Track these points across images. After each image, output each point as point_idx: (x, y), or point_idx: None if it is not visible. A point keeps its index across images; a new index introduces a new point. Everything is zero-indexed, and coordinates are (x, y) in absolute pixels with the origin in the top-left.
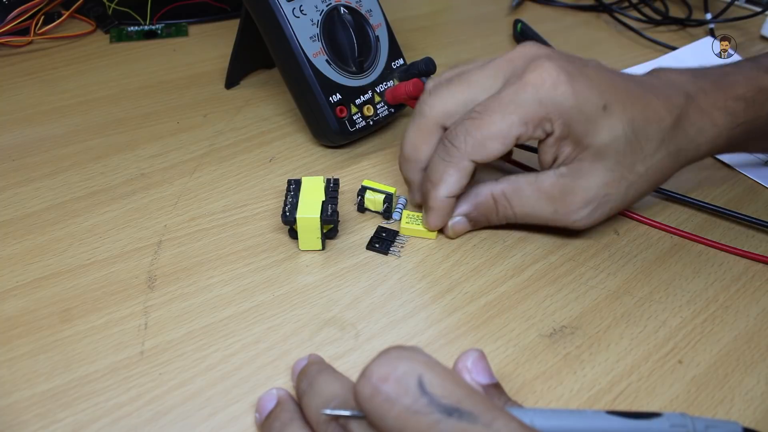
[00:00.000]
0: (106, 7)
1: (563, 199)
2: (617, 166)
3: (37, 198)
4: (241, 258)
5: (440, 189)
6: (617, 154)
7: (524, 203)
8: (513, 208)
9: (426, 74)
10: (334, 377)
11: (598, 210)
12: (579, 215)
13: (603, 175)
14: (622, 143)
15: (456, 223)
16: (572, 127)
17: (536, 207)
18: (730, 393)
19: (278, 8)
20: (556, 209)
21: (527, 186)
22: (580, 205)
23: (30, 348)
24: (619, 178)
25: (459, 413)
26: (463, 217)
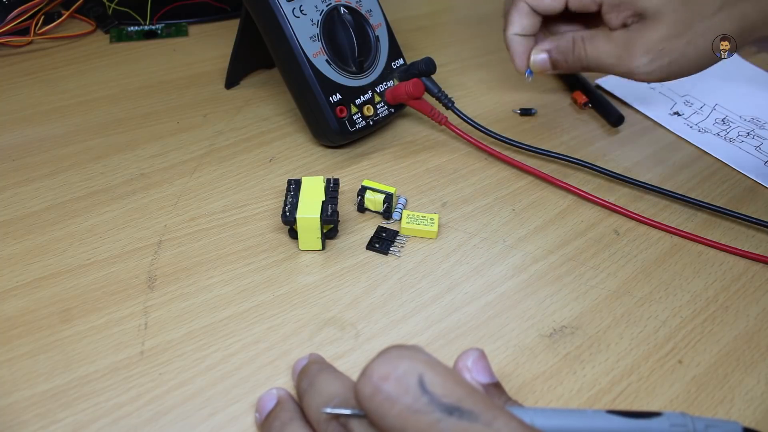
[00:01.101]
0: (106, 7)
1: (626, 47)
2: (675, 23)
3: (37, 198)
4: (241, 258)
5: (508, 28)
6: (674, 12)
7: (596, 47)
8: (586, 50)
9: (426, 74)
10: (334, 376)
11: (656, 61)
12: (638, 62)
13: (662, 31)
14: (678, 2)
15: (538, 59)
16: None
17: (604, 52)
18: (730, 393)
19: (278, 8)
20: (619, 55)
21: (601, 33)
22: (640, 53)
23: (30, 348)
24: (677, 33)
25: (459, 412)
26: (545, 54)
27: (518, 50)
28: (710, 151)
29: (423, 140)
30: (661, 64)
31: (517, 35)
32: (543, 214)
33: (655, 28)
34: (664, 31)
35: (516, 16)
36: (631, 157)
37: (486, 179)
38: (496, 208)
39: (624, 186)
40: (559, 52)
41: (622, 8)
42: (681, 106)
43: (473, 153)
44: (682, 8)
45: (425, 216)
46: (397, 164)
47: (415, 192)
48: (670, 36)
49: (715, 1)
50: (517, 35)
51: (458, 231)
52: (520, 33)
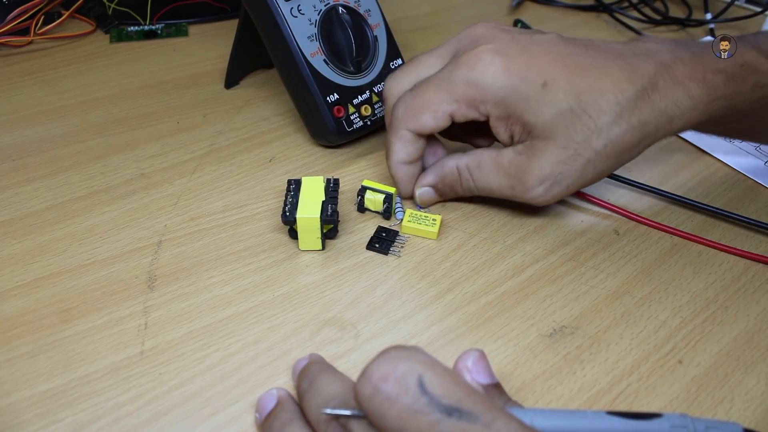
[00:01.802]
0: (106, 7)
1: (519, 176)
2: (569, 142)
3: (37, 198)
4: (241, 258)
5: (390, 157)
6: (567, 129)
7: (485, 177)
8: (474, 181)
9: None
10: (334, 377)
11: (554, 188)
12: (535, 192)
13: (556, 153)
14: (570, 118)
15: (423, 193)
16: (509, 107)
17: (495, 182)
18: (730, 393)
19: (276, 8)
20: (513, 185)
21: (489, 160)
22: (535, 183)
23: (30, 348)
24: (574, 155)
25: (459, 413)
26: (430, 188)
27: (404, 179)
28: (710, 151)
29: None
30: (559, 190)
31: (402, 163)
32: (543, 214)
33: (547, 151)
34: (557, 153)
35: (398, 144)
36: None
37: None
38: (496, 208)
39: (623, 186)
40: (444, 184)
41: (510, 122)
42: None
43: None
44: (574, 124)
45: (428, 216)
46: None
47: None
48: (565, 159)
49: (611, 111)
50: (402, 163)
51: (458, 231)
52: (404, 161)
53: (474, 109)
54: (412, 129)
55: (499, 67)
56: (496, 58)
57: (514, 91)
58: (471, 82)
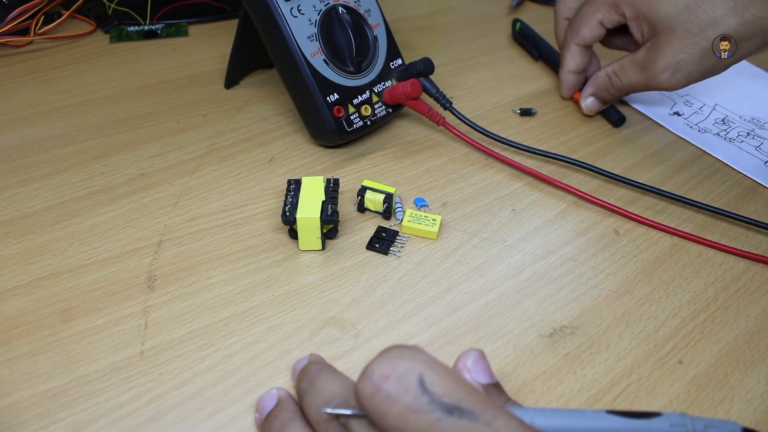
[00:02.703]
0: (106, 7)
1: (649, 66)
2: (686, 33)
3: (37, 198)
4: (241, 258)
5: (563, 66)
6: (684, 23)
7: (626, 74)
8: (621, 80)
9: (424, 75)
10: (334, 376)
11: (677, 74)
12: (662, 78)
13: (675, 44)
14: (686, 13)
15: (589, 103)
16: (637, 6)
17: (634, 76)
18: (730, 393)
19: (276, 8)
20: (645, 76)
21: (627, 62)
22: (660, 70)
23: (30, 348)
24: (691, 44)
25: (459, 412)
26: (591, 97)
27: (569, 84)
28: (710, 151)
29: (423, 140)
30: (682, 76)
31: (571, 72)
32: (543, 214)
33: (668, 42)
34: (676, 44)
35: (569, 57)
36: (631, 157)
37: (486, 179)
38: (496, 208)
39: (624, 187)
40: (601, 90)
41: (639, 20)
42: (681, 106)
43: (473, 153)
44: (690, 17)
45: (428, 216)
46: (397, 164)
47: (415, 192)
48: (683, 48)
49: (723, 5)
50: (571, 72)
51: (458, 231)
52: (573, 71)
53: (614, 11)
54: (578, 41)
55: None
56: None
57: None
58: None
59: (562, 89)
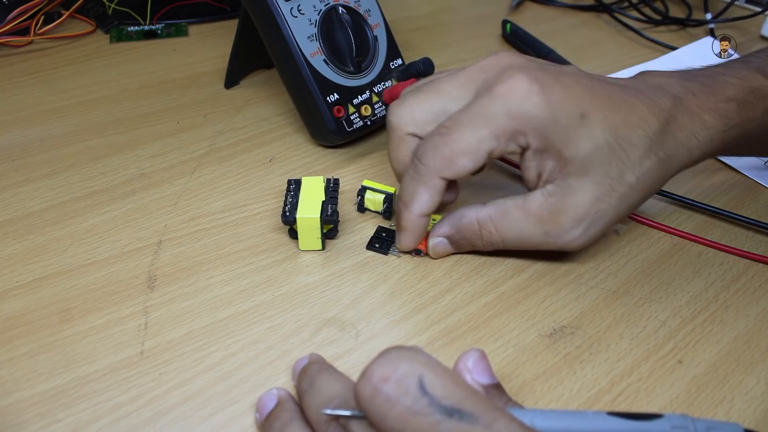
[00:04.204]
0: (106, 7)
1: (553, 219)
2: (605, 178)
3: (37, 198)
4: (241, 258)
5: (412, 208)
6: (602, 164)
7: (512, 227)
8: (500, 233)
9: (424, 75)
10: (334, 377)
11: (592, 228)
12: (572, 235)
13: (592, 189)
14: (606, 153)
15: (437, 244)
16: (549, 139)
17: (525, 230)
18: (730, 393)
19: (276, 8)
20: (546, 231)
21: (515, 209)
22: (572, 224)
23: (30, 348)
24: (609, 190)
25: (459, 414)
26: (445, 239)
27: (417, 232)
28: None
29: None
30: (597, 229)
31: (423, 216)
32: None
33: (583, 188)
34: (593, 190)
35: (426, 195)
36: None
37: (486, 179)
38: None
39: None
40: (462, 237)
41: (544, 157)
42: None
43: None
44: (609, 159)
45: None
46: None
47: None
48: (604, 194)
49: (642, 145)
50: (423, 216)
51: None
52: (426, 213)
53: (513, 142)
54: (449, 176)
55: (540, 97)
56: (534, 86)
57: (555, 122)
58: (511, 113)
59: (404, 238)
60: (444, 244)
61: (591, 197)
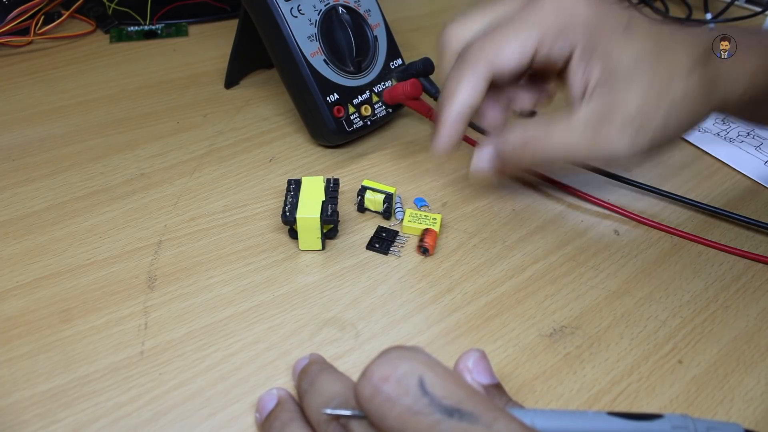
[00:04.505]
0: (106, 7)
1: (601, 127)
2: (650, 86)
3: (37, 198)
4: (241, 258)
5: (453, 101)
6: (649, 73)
7: (558, 141)
8: (546, 148)
9: (424, 74)
10: (335, 377)
11: (641, 134)
12: (620, 142)
13: (639, 97)
14: (653, 62)
15: (480, 167)
16: (598, 37)
17: (571, 143)
18: (730, 393)
19: (276, 8)
20: (593, 141)
21: (560, 122)
22: (619, 128)
23: (30, 348)
24: (658, 94)
25: (460, 414)
26: (488, 161)
27: (455, 129)
28: (710, 151)
29: (423, 140)
30: (645, 137)
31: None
32: (543, 214)
33: (630, 96)
34: (640, 98)
35: (470, 85)
36: None
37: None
38: (496, 208)
39: (624, 187)
40: (507, 157)
41: (593, 60)
42: None
43: (473, 153)
44: (654, 69)
45: (428, 215)
46: (397, 164)
47: (415, 192)
48: (653, 96)
49: (687, 58)
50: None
51: (458, 231)
52: (469, 106)
53: (562, 39)
54: (494, 66)
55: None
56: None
57: (604, 23)
58: (561, 10)
59: (440, 137)
60: (488, 166)
61: (638, 104)
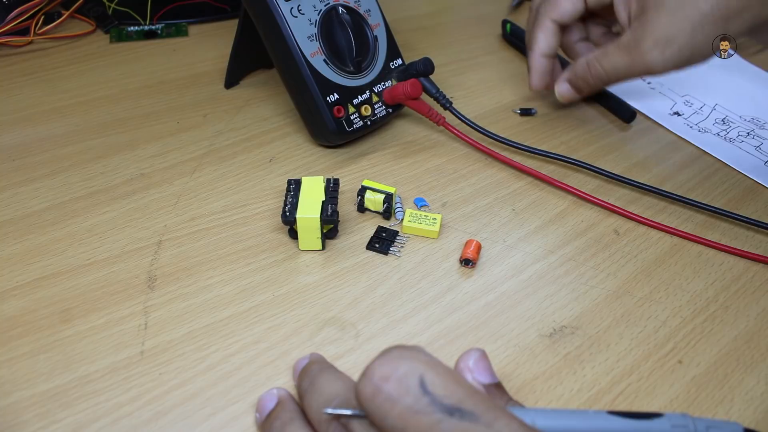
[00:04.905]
0: (106, 7)
1: (636, 46)
2: (678, 7)
3: (37, 198)
4: (241, 258)
5: (534, 49)
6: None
7: (609, 60)
8: (602, 66)
9: (424, 75)
10: (335, 376)
11: (667, 49)
12: (651, 56)
13: (666, 17)
14: None
15: (562, 89)
16: None
17: (618, 60)
18: (730, 393)
19: (276, 8)
20: (632, 57)
21: (611, 46)
22: (649, 46)
23: (30, 348)
24: (683, 17)
25: (460, 413)
26: (566, 83)
27: (540, 70)
28: (710, 151)
29: (423, 140)
30: (672, 53)
31: (544, 56)
32: (543, 214)
33: (659, 16)
34: (667, 17)
35: (542, 36)
36: (631, 156)
37: (486, 179)
38: (496, 208)
39: (624, 187)
40: (578, 78)
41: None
42: (681, 106)
43: (473, 153)
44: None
45: (428, 215)
46: (397, 164)
47: (415, 192)
48: (674, 22)
49: None
50: (544, 56)
51: (458, 231)
52: (546, 53)
53: None
54: (556, 17)
55: None
56: None
57: None
58: None
59: (532, 77)
60: (567, 89)
61: (665, 22)
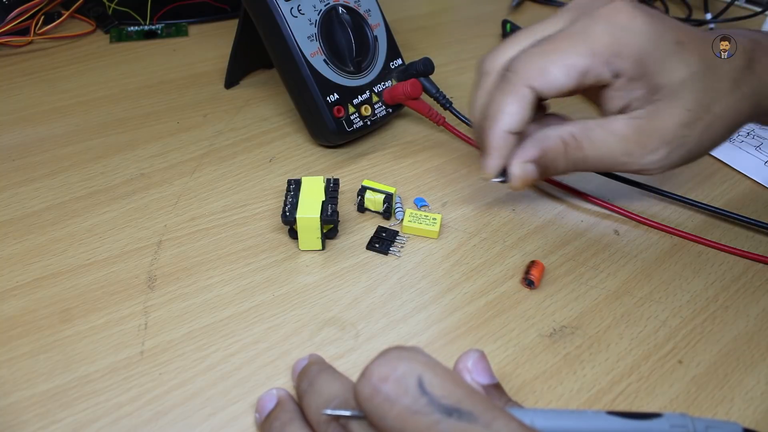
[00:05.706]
0: (106, 7)
1: (638, 139)
2: (695, 105)
3: (37, 198)
4: (241, 258)
5: (499, 122)
6: (693, 91)
7: (595, 145)
8: (583, 150)
9: (424, 74)
10: (334, 377)
11: (675, 152)
12: (655, 157)
13: (681, 115)
14: (698, 80)
15: (524, 170)
16: (646, 65)
17: (607, 149)
18: (730, 393)
19: (276, 8)
20: (630, 151)
21: (598, 127)
22: (656, 146)
23: (30, 348)
24: (696, 118)
25: (459, 413)
26: (531, 163)
27: (503, 152)
28: (710, 151)
29: (423, 140)
30: (679, 155)
31: (509, 132)
32: (543, 214)
33: (673, 112)
34: (683, 115)
35: (513, 106)
36: None
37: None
38: (496, 208)
39: (624, 187)
40: (547, 159)
41: (637, 85)
42: None
43: (473, 153)
44: (700, 86)
45: (428, 215)
46: (397, 164)
47: (415, 192)
48: (691, 120)
49: (729, 77)
50: (509, 132)
51: (458, 231)
52: (513, 129)
53: (609, 66)
54: (537, 86)
55: (643, 20)
56: (638, 11)
57: (656, 47)
58: (614, 34)
59: (489, 161)
60: (530, 169)
61: (678, 122)
